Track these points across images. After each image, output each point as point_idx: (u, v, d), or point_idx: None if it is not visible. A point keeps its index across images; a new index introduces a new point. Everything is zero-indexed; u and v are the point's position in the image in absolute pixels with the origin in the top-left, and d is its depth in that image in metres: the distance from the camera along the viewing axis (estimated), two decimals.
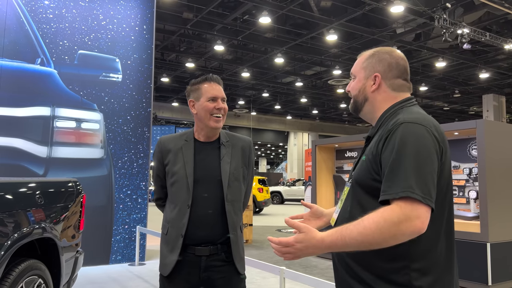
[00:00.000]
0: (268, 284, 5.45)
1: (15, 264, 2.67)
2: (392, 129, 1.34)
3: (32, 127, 5.90)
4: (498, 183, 5.40)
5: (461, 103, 25.47)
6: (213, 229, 2.01)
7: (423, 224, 1.23)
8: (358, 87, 1.52)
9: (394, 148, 1.30)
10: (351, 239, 1.26)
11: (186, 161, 2.04)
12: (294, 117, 31.53)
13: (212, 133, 2.10)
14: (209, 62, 18.56)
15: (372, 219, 1.24)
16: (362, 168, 1.40)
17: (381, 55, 1.51)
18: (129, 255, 6.55)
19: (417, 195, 1.23)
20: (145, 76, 6.88)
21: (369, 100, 1.51)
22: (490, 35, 13.23)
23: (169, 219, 2.06)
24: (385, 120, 1.45)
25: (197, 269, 1.99)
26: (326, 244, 1.29)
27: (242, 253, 2.09)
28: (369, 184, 1.36)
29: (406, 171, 1.25)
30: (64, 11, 6.31)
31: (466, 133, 5.94)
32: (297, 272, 3.42)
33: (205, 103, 2.05)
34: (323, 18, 12.82)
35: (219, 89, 2.08)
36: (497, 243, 5.25)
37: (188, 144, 2.09)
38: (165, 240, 2.06)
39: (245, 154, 2.15)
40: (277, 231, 11.80)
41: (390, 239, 1.24)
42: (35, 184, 3.11)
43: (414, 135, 1.30)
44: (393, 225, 1.22)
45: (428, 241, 1.33)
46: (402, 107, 1.47)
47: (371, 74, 1.50)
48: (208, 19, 13.14)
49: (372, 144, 1.41)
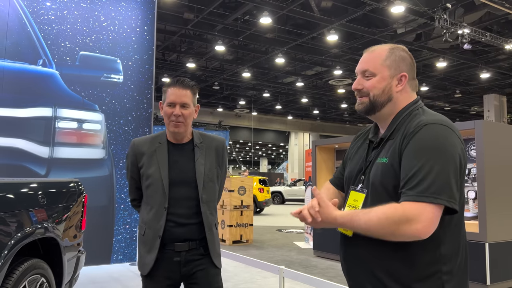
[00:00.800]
0: (269, 284, 5.49)
1: (18, 263, 2.71)
2: (414, 131, 1.32)
3: (34, 128, 5.95)
4: (497, 184, 5.42)
5: (462, 103, 25.47)
6: (189, 229, 2.05)
7: (424, 228, 1.22)
8: (382, 86, 1.43)
9: (415, 148, 1.29)
10: (358, 225, 1.31)
11: (161, 163, 2.06)
12: (295, 117, 31.55)
13: (177, 136, 2.11)
14: (210, 62, 18.59)
15: (377, 213, 1.27)
16: (386, 171, 1.36)
17: (401, 53, 1.46)
18: (130, 255, 6.59)
19: (430, 197, 1.22)
20: (146, 77, 6.92)
21: (393, 101, 1.44)
22: (490, 35, 13.25)
23: (145, 220, 2.08)
24: (402, 121, 1.41)
25: (177, 265, 2.03)
26: (337, 223, 1.36)
27: (218, 249, 2.14)
28: (394, 189, 1.33)
29: (427, 176, 1.24)
30: (65, 12, 6.35)
31: (465, 134, 5.97)
32: (297, 272, 3.46)
33: (165, 108, 2.07)
34: (323, 18, 12.85)
35: (180, 94, 2.04)
36: (496, 243, 5.28)
37: (161, 146, 2.11)
38: (142, 241, 2.09)
39: (218, 154, 2.18)
40: (277, 231, 11.83)
41: (389, 236, 1.26)
42: (37, 185, 3.15)
43: (440, 136, 1.29)
44: (393, 223, 1.23)
45: (455, 243, 1.35)
46: (417, 107, 1.44)
47: (397, 74, 1.44)
48: (209, 19, 13.18)
49: (392, 147, 1.38)
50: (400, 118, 1.42)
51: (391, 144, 1.39)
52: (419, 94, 18.20)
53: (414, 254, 1.30)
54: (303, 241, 9.72)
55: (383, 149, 1.42)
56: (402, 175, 1.29)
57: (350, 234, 1.42)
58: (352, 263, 1.46)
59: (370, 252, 1.37)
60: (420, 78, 19.45)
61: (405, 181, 1.27)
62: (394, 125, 1.42)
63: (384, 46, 1.48)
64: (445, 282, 1.30)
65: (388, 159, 1.36)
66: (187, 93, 2.06)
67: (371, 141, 1.51)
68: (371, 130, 1.57)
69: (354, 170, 1.52)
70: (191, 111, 2.08)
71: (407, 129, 1.36)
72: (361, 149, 1.56)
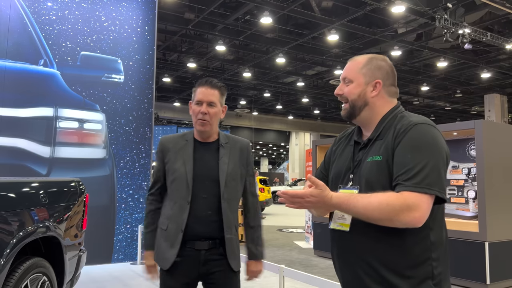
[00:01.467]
0: (269, 283, 5.50)
1: (21, 262, 2.73)
2: (406, 130, 1.43)
3: (35, 128, 5.97)
4: (497, 183, 5.43)
5: (463, 103, 25.45)
6: (210, 226, 2.08)
7: (421, 217, 1.33)
8: (358, 92, 1.56)
9: (409, 145, 1.40)
10: (354, 208, 1.38)
11: (186, 159, 2.12)
12: (295, 117, 31.56)
13: (203, 134, 2.17)
14: (211, 62, 18.61)
15: (378, 198, 1.35)
16: (380, 168, 1.44)
17: (378, 62, 1.58)
18: (131, 254, 6.61)
19: (425, 188, 1.33)
20: (146, 77, 6.94)
21: (369, 105, 1.56)
22: (491, 35, 13.24)
23: (168, 215, 2.12)
24: (388, 124, 1.52)
25: (197, 263, 2.07)
26: (332, 203, 1.41)
27: (237, 252, 2.16)
28: (390, 184, 1.41)
29: (422, 170, 1.35)
30: (66, 12, 6.37)
31: (465, 133, 5.98)
32: (297, 271, 3.47)
33: (193, 107, 2.16)
34: (324, 18, 12.86)
35: (207, 93, 2.13)
36: (495, 243, 5.29)
37: (188, 143, 2.18)
38: (164, 236, 2.12)
39: (242, 155, 2.22)
40: (278, 231, 11.85)
41: (386, 221, 1.35)
42: (39, 184, 3.17)
43: (429, 134, 1.41)
44: (393, 210, 1.32)
45: (441, 231, 1.47)
46: (401, 111, 1.56)
47: (372, 81, 1.56)
48: (209, 19, 13.20)
49: (383, 146, 1.47)
50: (386, 120, 1.54)
51: (382, 144, 1.49)
52: (420, 94, 18.08)
53: (408, 244, 1.40)
54: (304, 240, 9.74)
55: (372, 148, 1.51)
56: (397, 168, 1.39)
57: (347, 228, 1.49)
58: (346, 257, 1.51)
59: (365, 245, 1.44)
60: (421, 78, 19.45)
61: (401, 173, 1.37)
62: (381, 127, 1.53)
63: (365, 56, 1.61)
64: (434, 268, 1.41)
65: (382, 157, 1.45)
66: (214, 93, 2.14)
67: (357, 143, 1.60)
68: (354, 132, 1.67)
69: (342, 170, 1.60)
70: (218, 110, 2.15)
71: (397, 129, 1.47)
72: (346, 150, 1.64)
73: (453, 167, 6.20)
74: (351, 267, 1.49)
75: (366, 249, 1.44)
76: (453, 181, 6.23)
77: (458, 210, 6.03)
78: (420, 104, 25.91)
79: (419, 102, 25.44)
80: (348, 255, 1.50)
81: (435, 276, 1.40)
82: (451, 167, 6.22)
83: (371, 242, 1.43)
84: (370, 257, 1.43)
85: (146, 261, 2.23)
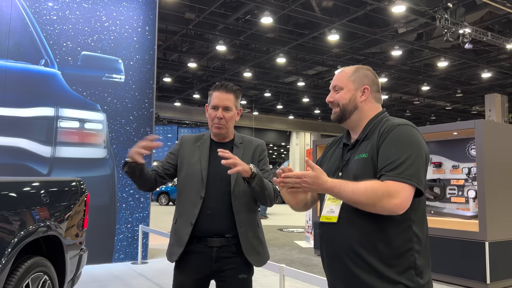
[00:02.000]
0: (270, 282, 5.52)
1: (22, 261, 2.74)
2: (389, 130, 1.58)
3: (36, 128, 5.99)
4: (497, 183, 5.44)
5: (463, 102, 25.43)
6: (222, 223, 2.12)
7: (401, 204, 1.45)
8: (348, 97, 1.72)
9: (392, 142, 1.54)
10: (344, 192, 1.50)
11: (202, 156, 2.21)
12: (296, 116, 31.55)
13: (219, 136, 2.27)
14: (211, 62, 18.61)
15: (365, 184, 1.48)
16: (366, 165, 1.57)
17: (364, 71, 1.76)
18: (131, 254, 6.63)
19: (405, 178, 1.46)
20: (147, 76, 6.95)
21: (358, 109, 1.71)
22: (492, 35, 13.23)
23: (180, 210, 2.19)
24: (374, 126, 1.67)
25: (209, 260, 2.10)
26: (326, 186, 1.52)
27: (259, 249, 2.17)
28: (375, 178, 1.53)
29: (405, 163, 1.49)
30: (67, 12, 6.39)
31: (465, 133, 5.99)
32: (297, 270, 3.48)
33: (210, 111, 2.24)
34: (325, 18, 12.86)
35: (223, 97, 2.20)
36: (496, 242, 5.29)
37: (205, 142, 2.28)
38: (174, 229, 2.20)
39: (255, 155, 2.28)
40: (278, 230, 11.86)
41: (370, 206, 1.47)
42: (40, 184, 3.18)
43: (410, 133, 1.57)
44: (376, 196, 1.45)
45: (423, 225, 1.60)
46: (386, 116, 1.73)
47: (360, 87, 1.73)
48: (210, 19, 13.20)
49: (369, 145, 1.61)
50: (372, 123, 1.69)
51: (368, 143, 1.63)
52: (421, 93, 18.06)
53: (391, 234, 1.52)
54: (304, 240, 9.75)
55: (359, 148, 1.65)
56: (382, 162, 1.53)
57: (335, 220, 1.61)
58: (334, 249, 1.61)
59: (353, 234, 1.56)
60: (421, 77, 19.44)
61: (385, 165, 1.51)
62: (367, 129, 1.68)
63: (352, 67, 1.79)
64: (416, 259, 1.53)
65: (367, 154, 1.60)
66: (229, 97, 2.22)
67: (345, 145, 1.75)
68: (343, 136, 1.83)
69: (331, 169, 1.73)
70: (233, 114, 2.24)
71: (381, 130, 1.62)
72: (336, 152, 1.80)
73: (454, 167, 6.21)
74: (339, 258, 1.58)
75: (353, 239, 1.55)
76: (453, 181, 6.23)
77: (458, 210, 6.03)
78: (421, 104, 25.90)
79: (419, 102, 25.42)
80: (336, 245, 1.60)
81: (417, 266, 1.52)
82: (452, 166, 6.22)
83: (358, 232, 1.55)
84: (357, 246, 1.54)
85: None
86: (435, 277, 5.72)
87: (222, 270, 2.11)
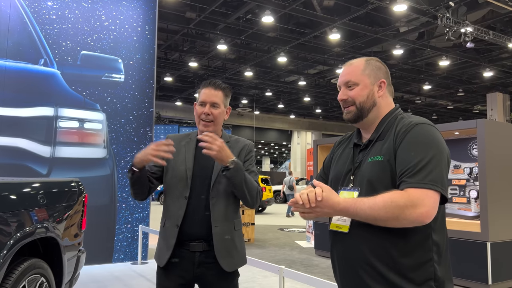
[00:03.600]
0: (270, 283, 5.49)
1: (18, 263, 2.72)
2: (407, 130, 1.43)
3: (35, 127, 5.96)
4: (499, 183, 5.40)
5: (465, 101, 25.35)
6: (204, 226, 2.07)
7: (427, 213, 1.31)
8: (366, 93, 1.55)
9: (411, 144, 1.40)
10: (361, 210, 1.35)
11: (187, 157, 2.15)
12: (297, 116, 31.51)
13: None
14: (212, 61, 18.59)
15: (383, 197, 1.34)
16: (382, 168, 1.43)
17: (376, 63, 1.60)
18: (131, 254, 6.60)
19: (429, 184, 1.32)
20: (147, 76, 6.92)
21: (376, 105, 1.56)
22: (493, 34, 13.18)
23: (167, 212, 2.15)
24: (388, 124, 1.53)
25: (191, 265, 2.06)
26: (340, 207, 1.38)
27: (233, 251, 2.10)
28: (394, 182, 1.41)
29: (427, 166, 1.35)
30: (67, 12, 6.36)
31: (466, 133, 5.94)
32: (296, 272, 3.45)
33: (197, 107, 2.17)
34: (326, 17, 12.82)
35: (211, 94, 2.14)
36: (497, 243, 5.25)
37: (191, 142, 2.21)
38: (162, 232, 2.16)
39: (242, 153, 2.21)
40: (279, 230, 11.83)
41: (393, 220, 1.32)
42: (37, 184, 3.15)
43: (430, 133, 1.42)
44: (398, 207, 1.30)
45: (443, 233, 1.46)
46: (401, 112, 1.57)
47: (377, 81, 1.57)
48: (211, 18, 13.17)
49: (384, 146, 1.47)
50: (386, 122, 1.54)
51: (383, 144, 1.48)
52: (422, 93, 18.03)
53: (410, 244, 1.38)
54: (305, 240, 9.71)
55: (373, 149, 1.51)
56: (401, 166, 1.39)
57: (346, 230, 1.47)
58: (347, 260, 1.48)
59: (367, 245, 1.42)
60: (423, 76, 19.38)
61: (405, 170, 1.37)
62: (381, 128, 1.54)
63: (361, 59, 1.62)
64: (436, 269, 1.40)
65: (383, 157, 1.45)
66: (218, 94, 2.15)
67: (357, 145, 1.60)
68: (354, 135, 1.67)
69: (342, 171, 1.59)
70: (221, 111, 2.16)
71: (397, 129, 1.47)
72: (345, 153, 1.65)
73: (455, 167, 6.17)
74: (353, 269, 1.46)
75: (367, 250, 1.42)
76: (455, 181, 6.19)
77: (460, 210, 6.00)
78: (422, 103, 25.83)
79: (421, 101, 25.36)
80: (350, 257, 1.47)
81: (438, 278, 1.39)
82: (453, 166, 6.18)
83: (373, 243, 1.41)
84: (372, 258, 1.41)
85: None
86: None
87: (205, 275, 2.06)
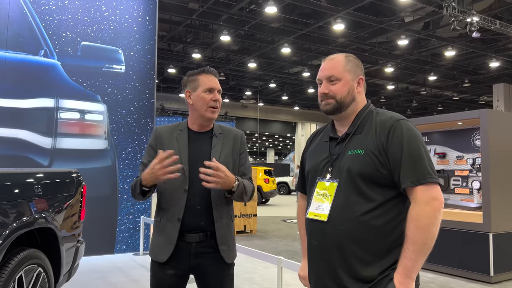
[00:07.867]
0: (270, 273, 5.49)
1: (14, 253, 2.72)
2: (391, 126, 1.52)
3: (36, 119, 5.96)
4: (502, 174, 5.35)
5: (471, 92, 25.11)
6: (202, 216, 2.04)
7: (441, 201, 1.46)
8: (347, 89, 1.63)
9: (403, 141, 1.49)
10: (415, 262, 1.42)
11: (181, 148, 2.10)
12: (301, 107, 31.39)
13: (207, 122, 2.17)
14: (216, 52, 18.50)
15: (409, 227, 1.44)
16: (363, 161, 1.51)
17: (355, 60, 1.68)
18: (133, 245, 6.63)
19: (431, 178, 1.46)
20: (148, 67, 6.89)
21: (355, 101, 1.64)
22: (500, 23, 12.98)
23: (164, 206, 2.09)
24: (364, 119, 1.62)
25: (188, 256, 2.03)
26: (412, 278, 1.44)
27: (230, 243, 2.10)
28: (374, 174, 1.50)
29: (423, 159, 1.47)
30: (66, 2, 6.32)
31: (470, 123, 5.88)
32: (295, 262, 3.44)
33: (202, 94, 2.12)
34: (330, 7, 12.69)
35: (215, 81, 2.15)
36: (500, 234, 5.22)
37: (182, 133, 2.16)
38: (159, 227, 2.09)
39: (235, 145, 2.19)
40: (282, 221, 11.84)
41: (435, 227, 1.43)
42: (34, 175, 3.15)
43: (412, 128, 1.53)
44: (427, 221, 1.41)
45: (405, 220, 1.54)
46: (374, 108, 1.66)
47: (356, 77, 1.65)
48: (214, 9, 13.07)
49: (365, 141, 1.55)
50: (362, 116, 1.63)
51: (363, 138, 1.57)
52: (428, 83, 17.89)
53: (387, 230, 1.49)
54: None
55: (351, 143, 1.59)
56: (397, 166, 1.48)
57: (325, 219, 1.55)
58: (324, 246, 1.55)
59: (346, 233, 1.51)
60: (428, 67, 19.19)
61: (405, 170, 1.47)
62: (357, 122, 1.62)
63: (341, 55, 1.69)
64: (400, 253, 1.49)
65: (364, 151, 1.53)
66: (218, 81, 2.18)
67: (333, 138, 1.68)
68: (327, 129, 1.76)
69: (319, 163, 1.66)
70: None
71: (377, 124, 1.56)
72: (320, 146, 1.72)
73: (458, 157, 6.11)
74: (329, 254, 1.53)
75: (345, 237, 1.50)
76: (457, 172, 6.14)
77: (463, 201, 5.95)
78: (428, 94, 25.62)
79: (426, 92, 25.14)
80: (328, 245, 1.54)
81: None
82: (456, 157, 6.12)
83: (352, 231, 1.50)
84: (350, 244, 1.49)
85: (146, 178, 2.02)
86: (438, 269, 5.66)
87: (202, 265, 2.04)
